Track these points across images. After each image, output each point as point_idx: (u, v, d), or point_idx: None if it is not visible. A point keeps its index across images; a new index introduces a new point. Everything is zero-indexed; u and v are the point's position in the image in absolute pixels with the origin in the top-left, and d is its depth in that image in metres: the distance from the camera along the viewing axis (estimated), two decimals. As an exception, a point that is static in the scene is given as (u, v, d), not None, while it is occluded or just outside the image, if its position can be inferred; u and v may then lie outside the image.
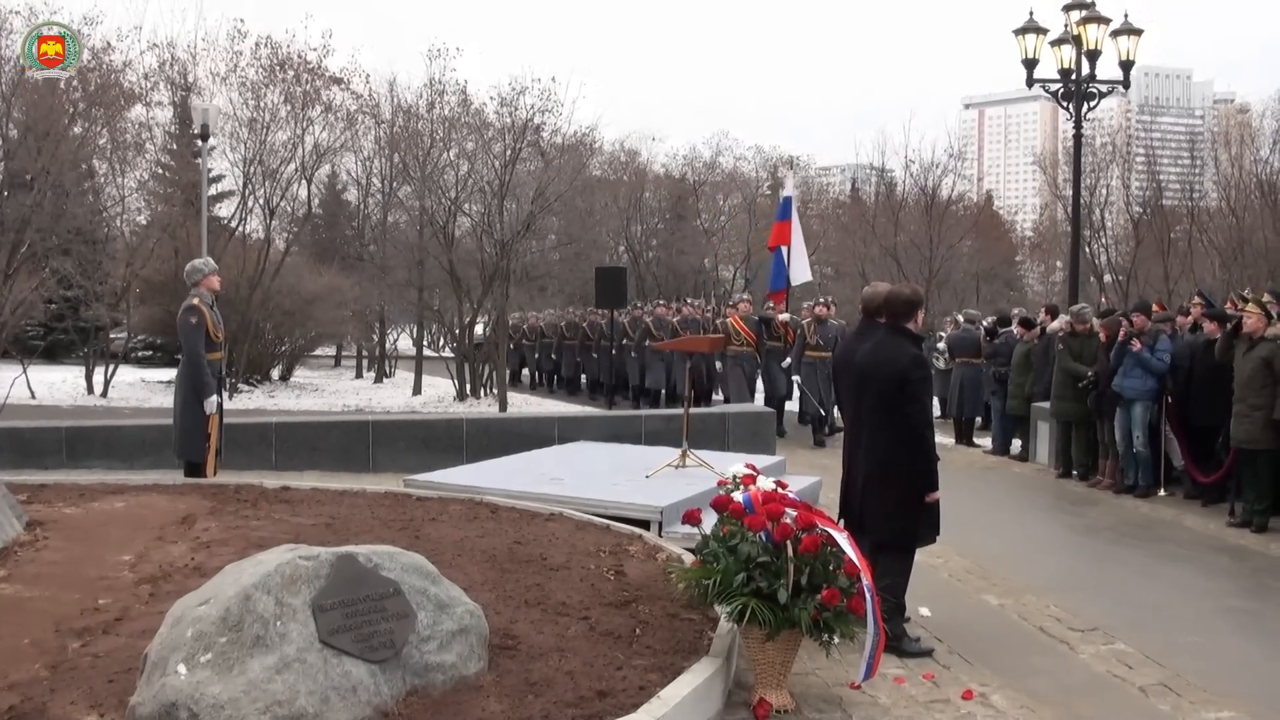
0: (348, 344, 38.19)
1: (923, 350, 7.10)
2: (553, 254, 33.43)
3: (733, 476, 5.82)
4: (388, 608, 4.54)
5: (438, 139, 27.63)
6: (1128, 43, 18.00)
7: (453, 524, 7.51)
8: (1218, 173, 38.72)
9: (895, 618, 6.50)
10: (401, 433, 13.17)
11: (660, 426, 13.39)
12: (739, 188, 44.15)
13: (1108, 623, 7.59)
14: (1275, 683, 6.54)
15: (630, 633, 5.42)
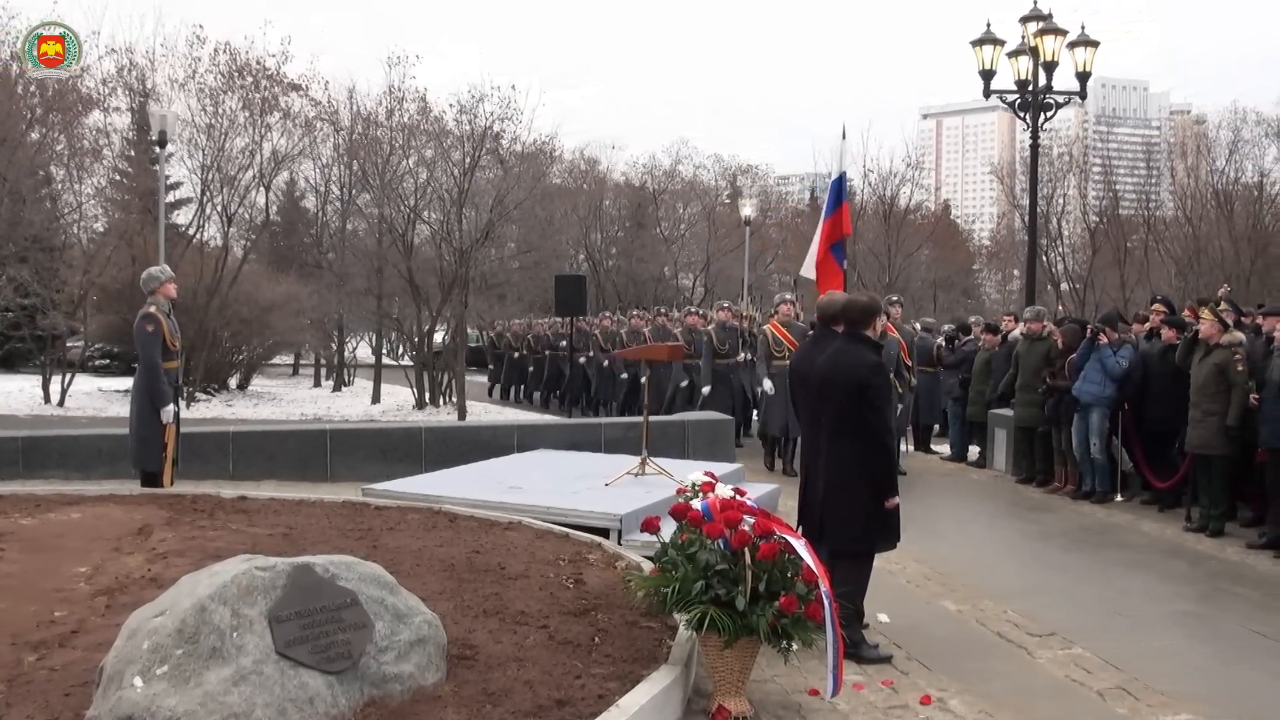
0: (306, 352, 37.95)
1: (882, 357, 7.15)
2: (512, 262, 33.35)
3: (691, 484, 5.82)
4: (345, 618, 4.52)
5: (397, 146, 27.53)
6: (1084, 54, 18.19)
7: (411, 533, 7.49)
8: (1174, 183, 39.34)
9: (854, 624, 6.53)
10: (360, 441, 13.10)
11: (620, 434, 13.38)
12: (698, 196, 44.28)
13: (1065, 627, 7.65)
14: (1231, 685, 6.62)
15: (589, 641, 5.40)
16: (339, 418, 23.50)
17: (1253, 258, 33.29)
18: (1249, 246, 33.77)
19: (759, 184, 47.98)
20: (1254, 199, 35.74)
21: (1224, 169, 36.39)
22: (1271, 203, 36.06)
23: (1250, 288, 29.79)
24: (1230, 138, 36.21)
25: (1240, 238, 34.15)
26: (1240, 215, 35.35)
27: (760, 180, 48.54)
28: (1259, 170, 35.99)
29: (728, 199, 45.25)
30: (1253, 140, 35.68)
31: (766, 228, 45.19)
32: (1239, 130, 35.84)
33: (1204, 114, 48.79)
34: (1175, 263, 36.46)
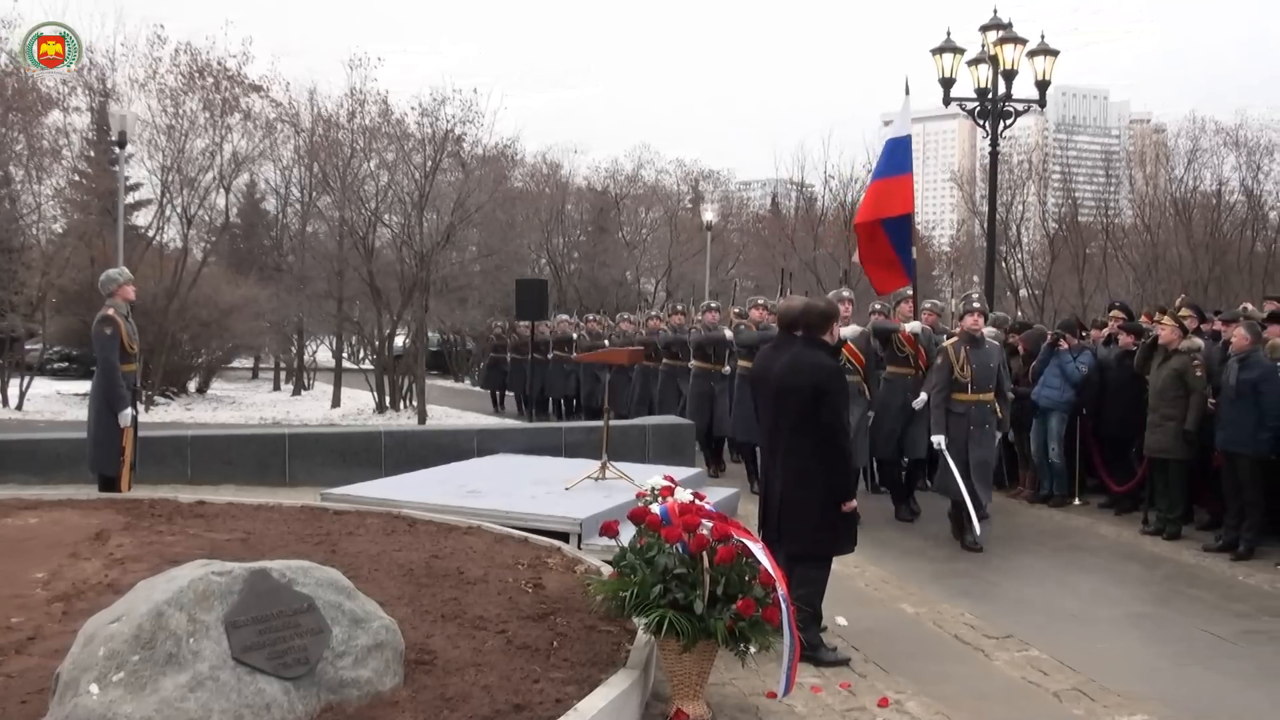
0: (265, 356, 37.73)
1: (840, 362, 7.20)
2: (473, 265, 33.26)
3: (651, 488, 5.83)
4: (302, 623, 4.50)
5: (358, 149, 27.40)
6: (1044, 63, 18.33)
7: (370, 538, 7.47)
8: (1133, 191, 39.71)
9: (812, 627, 6.59)
10: (319, 445, 13.04)
11: (580, 438, 13.37)
12: (660, 201, 44.29)
13: (1022, 629, 7.73)
14: (1186, 686, 6.72)
15: (548, 645, 5.41)
16: (298, 422, 23.38)
17: (1210, 265, 33.65)
18: (1207, 254, 34.16)
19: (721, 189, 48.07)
20: (1212, 207, 36.18)
21: (1183, 177, 36.85)
22: (1230, 211, 36.48)
23: (1208, 294, 30.12)
24: (1189, 147, 36.69)
25: (1198, 245, 34.51)
26: (1198, 223, 35.75)
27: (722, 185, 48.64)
28: (1217, 179, 36.50)
29: (690, 204, 45.32)
30: (1211, 149, 36.16)
31: (728, 233, 45.28)
32: (1197, 139, 36.32)
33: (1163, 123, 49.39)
34: (1134, 269, 36.82)
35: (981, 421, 10.65)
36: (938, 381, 10.71)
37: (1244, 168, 35.54)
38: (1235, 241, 35.35)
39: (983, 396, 10.62)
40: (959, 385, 10.57)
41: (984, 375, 10.66)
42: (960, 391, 10.58)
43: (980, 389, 10.63)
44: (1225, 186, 36.35)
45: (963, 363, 10.62)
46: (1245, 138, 35.19)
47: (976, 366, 10.62)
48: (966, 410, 10.58)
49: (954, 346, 10.77)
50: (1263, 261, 34.33)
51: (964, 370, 10.59)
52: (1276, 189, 35.75)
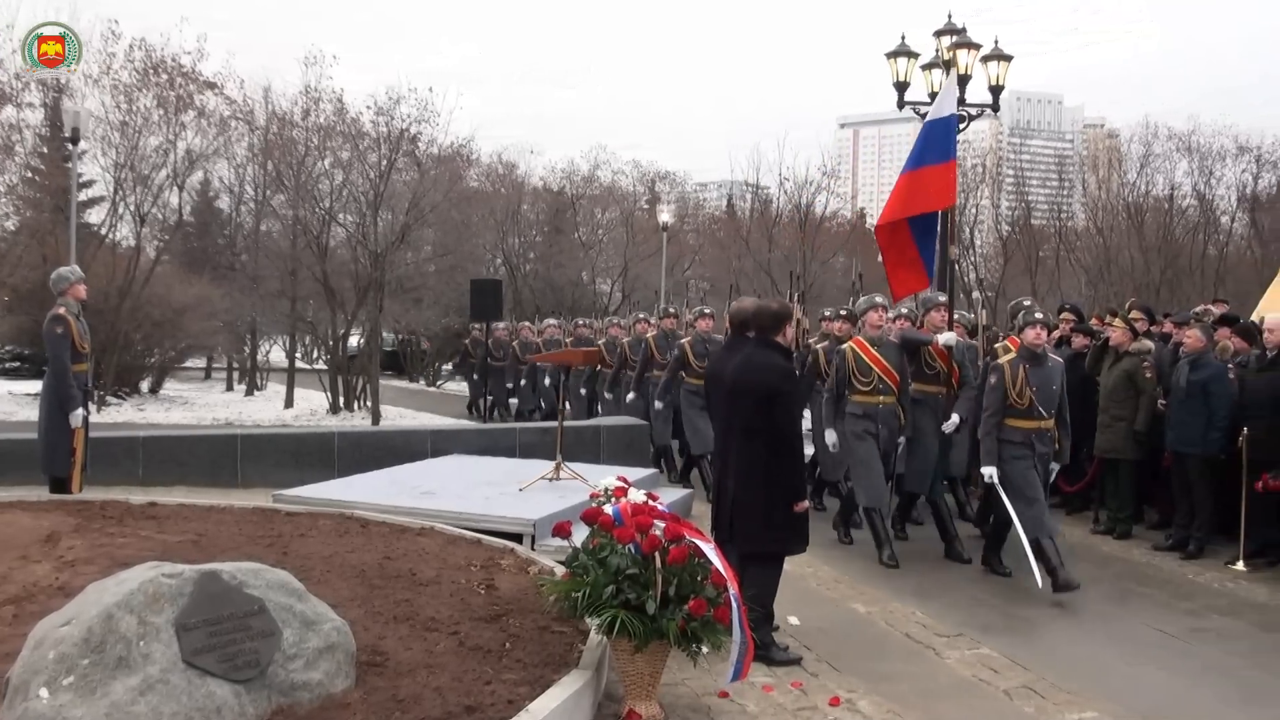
0: (219, 356, 37.45)
1: (793, 363, 7.24)
2: (428, 266, 33.14)
3: (604, 489, 5.85)
4: (252, 626, 4.50)
5: (312, 147, 27.25)
6: (997, 68, 18.45)
7: (322, 539, 7.45)
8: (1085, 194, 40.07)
9: (764, 626, 6.62)
10: (271, 447, 12.97)
11: (534, 439, 13.37)
12: (617, 202, 44.25)
13: (973, 628, 7.83)
14: (1135, 683, 6.81)
15: (500, 647, 5.42)
16: (251, 422, 23.22)
17: (1162, 268, 34.04)
18: (1159, 257, 34.56)
19: (677, 190, 48.12)
20: (1164, 211, 36.59)
21: (1135, 182, 37.29)
22: (1181, 215, 36.92)
23: (1160, 297, 30.46)
24: (1142, 151, 37.11)
25: (1150, 248, 34.90)
26: (1150, 227, 36.16)
27: (678, 187, 48.68)
28: (1169, 183, 36.93)
29: (646, 205, 45.32)
30: (1164, 154, 36.60)
31: (684, 234, 45.34)
32: (1150, 144, 36.75)
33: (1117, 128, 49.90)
34: (1086, 272, 37.17)
35: (1042, 452, 9.34)
36: (990, 405, 9.36)
37: (1196, 173, 36.01)
38: (1187, 245, 35.77)
39: (1043, 424, 9.27)
40: (1015, 410, 9.28)
41: (1046, 398, 9.29)
42: (1017, 417, 9.28)
43: (1041, 415, 9.29)
44: (1178, 191, 36.83)
45: (1020, 384, 9.27)
46: (1198, 143, 35.66)
47: (1038, 388, 9.24)
48: (1025, 439, 9.26)
49: (1010, 364, 9.39)
50: (1214, 265, 34.75)
51: (1022, 393, 9.25)
52: (1228, 194, 36.25)
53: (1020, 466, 9.22)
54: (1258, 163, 34.97)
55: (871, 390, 10.18)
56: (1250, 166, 35.22)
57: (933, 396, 10.76)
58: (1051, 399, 9.32)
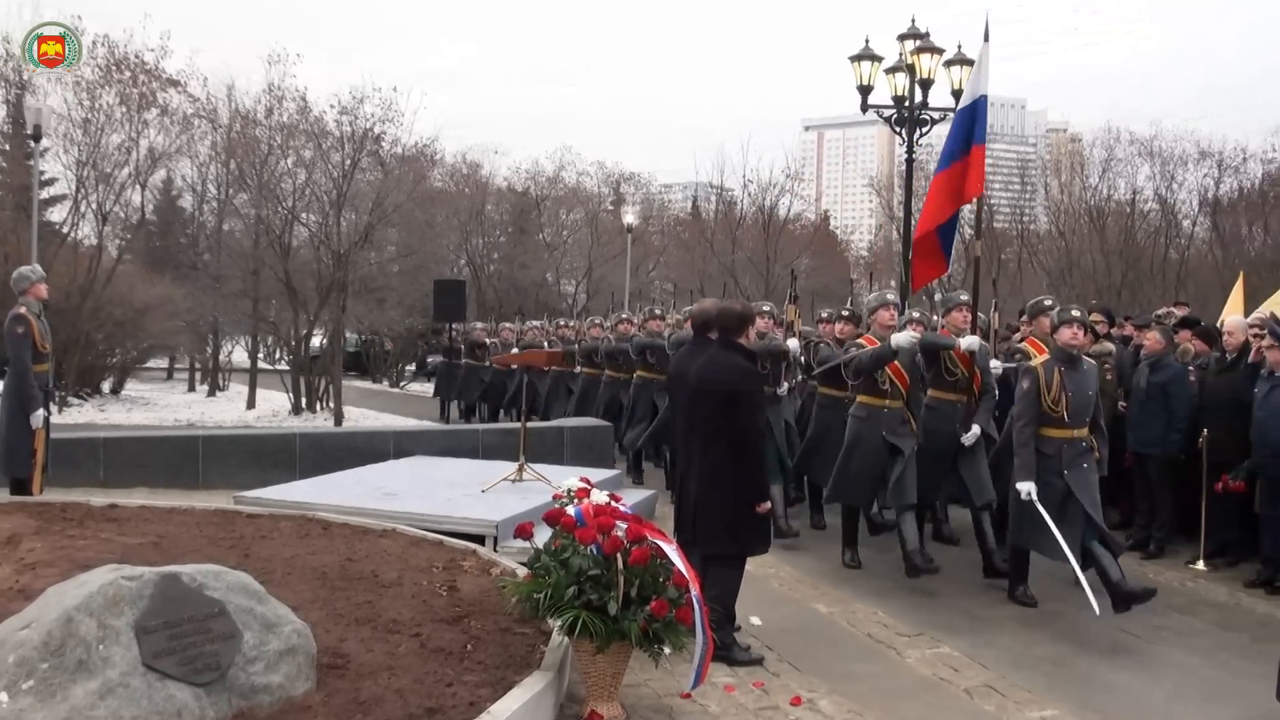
0: (180, 356, 37.25)
1: (755, 364, 7.27)
2: (392, 266, 33.08)
3: (567, 490, 5.86)
4: (213, 628, 4.48)
5: (275, 146, 27.15)
6: (960, 72, 18.54)
7: (283, 541, 7.43)
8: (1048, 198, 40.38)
9: (725, 627, 6.63)
10: (233, 448, 12.91)
11: (497, 440, 13.37)
12: (581, 203, 44.24)
13: (933, 627, 7.88)
14: (1095, 682, 6.88)
15: (462, 648, 5.42)
16: (213, 423, 23.11)
17: (1124, 271, 34.35)
18: (1120, 260, 34.87)
19: (641, 191, 48.15)
20: (1126, 215, 36.89)
21: (1097, 186, 37.61)
22: (1143, 219, 37.24)
23: (1121, 300, 30.71)
24: (1104, 156, 37.45)
25: (1112, 252, 35.22)
26: (1112, 230, 36.48)
27: (643, 188, 48.71)
28: (1131, 188, 37.30)
29: (611, 206, 45.33)
30: (1125, 159, 36.96)
31: (649, 235, 45.37)
32: (1112, 149, 37.11)
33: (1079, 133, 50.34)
34: (1048, 275, 37.43)
35: (1078, 462, 8.47)
36: (1023, 413, 8.50)
37: (1158, 177, 36.34)
38: (1148, 249, 36.12)
39: (1078, 432, 8.50)
40: (1050, 418, 8.47)
41: (1081, 405, 8.52)
42: (1052, 426, 8.48)
43: (1077, 422, 8.51)
44: (1139, 195, 37.16)
45: (1056, 389, 8.46)
46: (1160, 148, 36.00)
47: (1073, 393, 8.46)
48: (1058, 450, 8.44)
49: (1044, 368, 8.56)
50: (1175, 268, 35.06)
51: (1057, 399, 8.46)
52: (1190, 198, 36.62)
53: (1055, 481, 8.38)
54: (1219, 168, 35.33)
55: (880, 392, 9.49)
56: (1212, 171, 35.57)
57: (951, 404, 9.97)
58: (1086, 406, 8.55)
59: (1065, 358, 8.52)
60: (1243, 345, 10.47)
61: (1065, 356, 8.52)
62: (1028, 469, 8.37)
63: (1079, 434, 8.50)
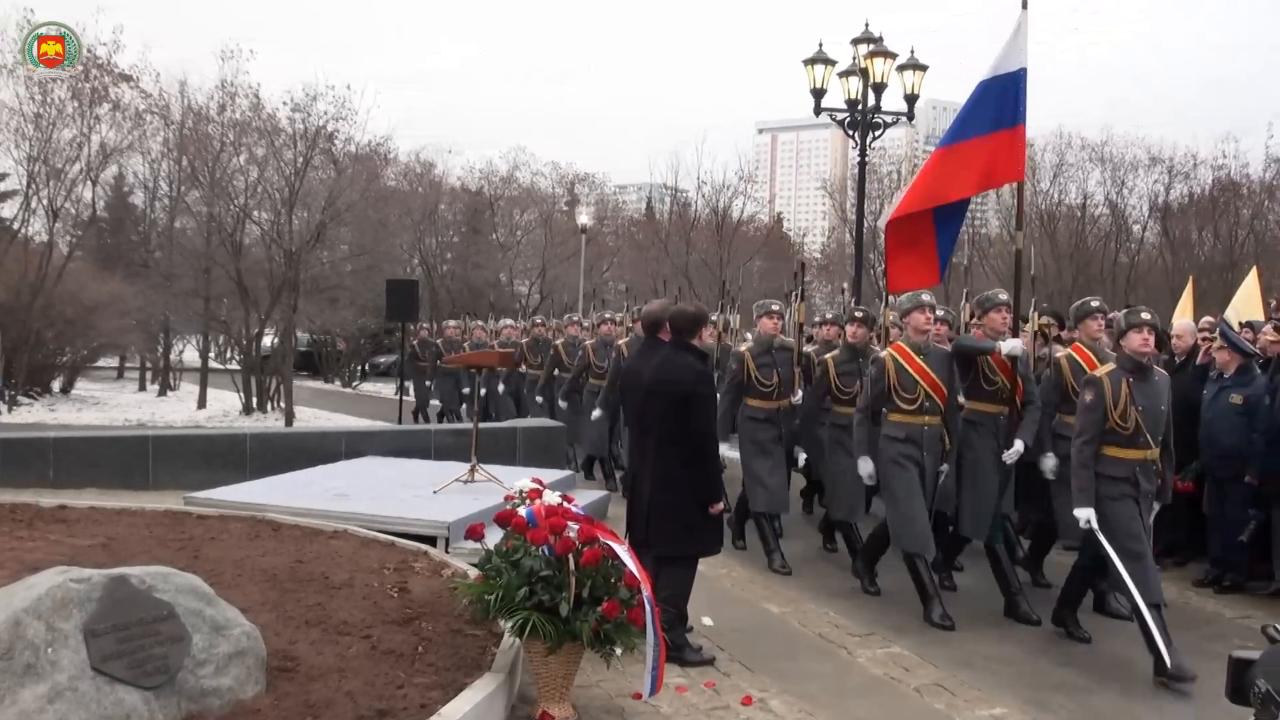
0: (131, 355, 36.89)
1: (708, 366, 7.30)
2: (344, 265, 32.91)
3: (519, 491, 5.86)
4: (162, 631, 4.46)
5: (228, 143, 26.96)
6: (913, 77, 18.74)
7: (233, 543, 7.40)
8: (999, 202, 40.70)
9: (677, 628, 6.66)
10: (183, 448, 12.79)
11: (449, 441, 13.32)
12: (535, 203, 44.17)
13: (884, 627, 7.93)
14: (1043, 680, 6.94)
15: (413, 650, 5.42)
16: (163, 423, 22.93)
17: (1074, 275, 34.64)
18: (1070, 264, 35.17)
19: (596, 192, 48.13)
20: (1077, 219, 37.25)
21: (1048, 190, 37.93)
22: (1094, 224, 37.61)
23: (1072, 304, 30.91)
24: (1055, 161, 37.78)
25: (1063, 256, 35.53)
26: (1063, 234, 36.81)
27: (598, 189, 48.69)
28: (1082, 192, 37.64)
29: (566, 206, 45.29)
30: (1076, 164, 37.31)
31: (603, 236, 45.39)
32: (1063, 154, 37.43)
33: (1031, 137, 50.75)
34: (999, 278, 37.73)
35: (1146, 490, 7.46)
36: (1085, 429, 7.44)
37: (1109, 182, 36.73)
38: (1099, 253, 36.48)
39: (1149, 454, 7.44)
40: (1117, 436, 7.40)
41: (1153, 421, 7.45)
42: (1118, 445, 7.41)
43: (1147, 443, 7.40)
44: (1090, 200, 37.52)
45: (1124, 403, 7.37)
46: (1110, 153, 36.37)
47: (1144, 408, 7.41)
48: (1128, 473, 7.38)
49: (1110, 378, 7.46)
50: (1125, 272, 35.42)
51: (1126, 414, 7.35)
52: (1140, 203, 37.02)
53: (1122, 509, 7.34)
54: (1169, 173, 35.72)
55: (916, 408, 8.41)
56: (1162, 177, 35.97)
57: (991, 418, 8.84)
58: (1159, 422, 7.50)
59: (1134, 367, 7.47)
60: (1191, 348, 10.60)
61: (1134, 366, 7.47)
62: (1087, 494, 7.38)
63: (1150, 456, 7.45)
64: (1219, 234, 34.99)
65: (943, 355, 8.61)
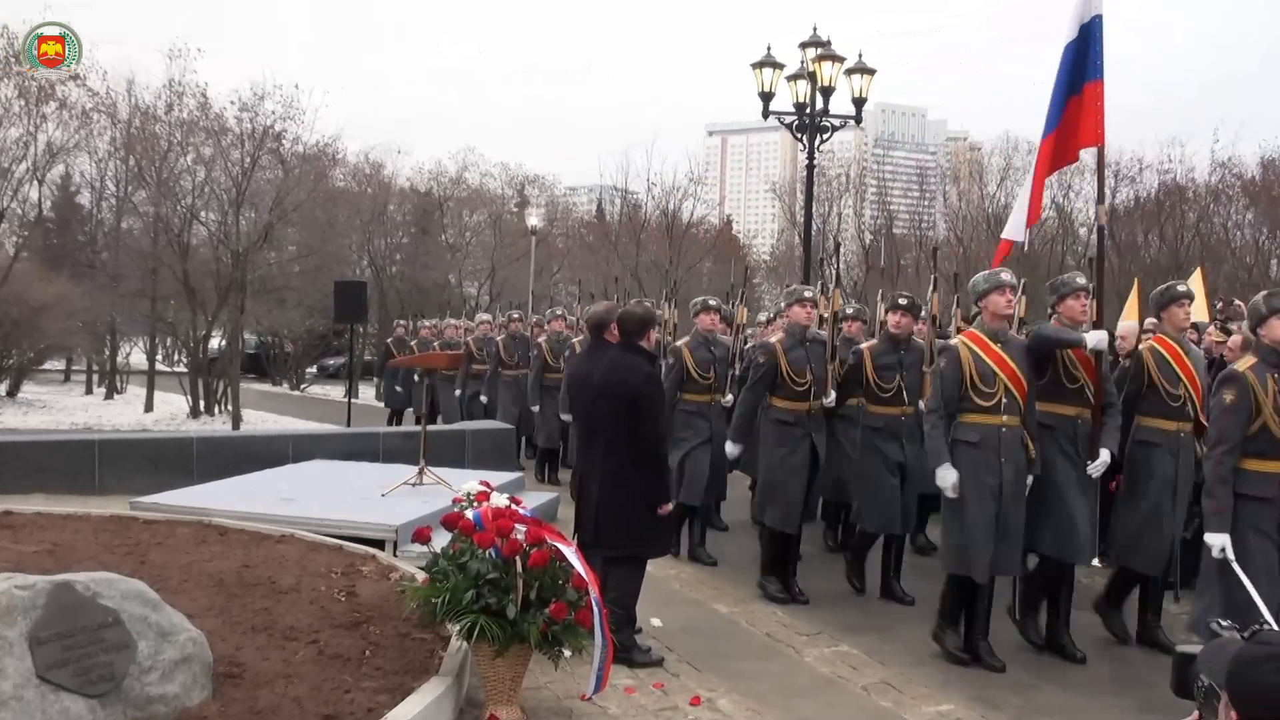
0: (78, 357, 36.50)
1: (656, 368, 7.34)
2: (292, 266, 32.71)
3: (466, 494, 5.88)
4: (107, 638, 4.44)
5: (175, 142, 26.76)
6: (861, 81, 18.87)
7: (180, 547, 7.36)
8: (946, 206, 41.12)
9: (625, 629, 6.68)
10: (130, 452, 12.66)
11: (398, 444, 13.28)
12: (485, 204, 44.06)
13: (832, 627, 7.98)
14: (987, 677, 7.02)
15: (360, 655, 5.41)
16: (110, 427, 22.74)
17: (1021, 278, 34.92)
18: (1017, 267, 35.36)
19: (546, 194, 48.07)
20: (1024, 223, 37.60)
21: (995, 194, 38.34)
22: (1040, 226, 37.96)
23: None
24: (1002, 164, 38.20)
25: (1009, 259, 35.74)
26: (1010, 238, 37.11)
27: (548, 190, 48.64)
28: (1029, 196, 37.88)
29: (515, 207, 45.20)
30: (1023, 168, 37.59)
31: (553, 238, 45.34)
32: (1010, 158, 37.82)
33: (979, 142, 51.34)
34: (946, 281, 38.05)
35: None
36: (1224, 437, 6.29)
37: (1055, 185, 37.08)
38: (1045, 255, 36.83)
39: None
40: (1264, 444, 6.30)
41: None
42: (1266, 457, 6.32)
43: None
44: (1037, 204, 37.85)
45: (1271, 404, 6.28)
46: (1058, 158, 36.68)
47: None
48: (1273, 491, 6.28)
49: (1254, 372, 6.35)
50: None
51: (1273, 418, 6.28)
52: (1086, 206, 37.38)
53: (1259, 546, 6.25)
54: (1116, 177, 36.10)
55: (994, 405, 7.15)
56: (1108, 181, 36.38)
57: (1068, 421, 7.53)
58: None
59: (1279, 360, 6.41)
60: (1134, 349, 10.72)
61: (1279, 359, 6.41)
62: (1224, 517, 6.23)
63: None
64: (1165, 237, 35.41)
65: (1020, 345, 7.46)
